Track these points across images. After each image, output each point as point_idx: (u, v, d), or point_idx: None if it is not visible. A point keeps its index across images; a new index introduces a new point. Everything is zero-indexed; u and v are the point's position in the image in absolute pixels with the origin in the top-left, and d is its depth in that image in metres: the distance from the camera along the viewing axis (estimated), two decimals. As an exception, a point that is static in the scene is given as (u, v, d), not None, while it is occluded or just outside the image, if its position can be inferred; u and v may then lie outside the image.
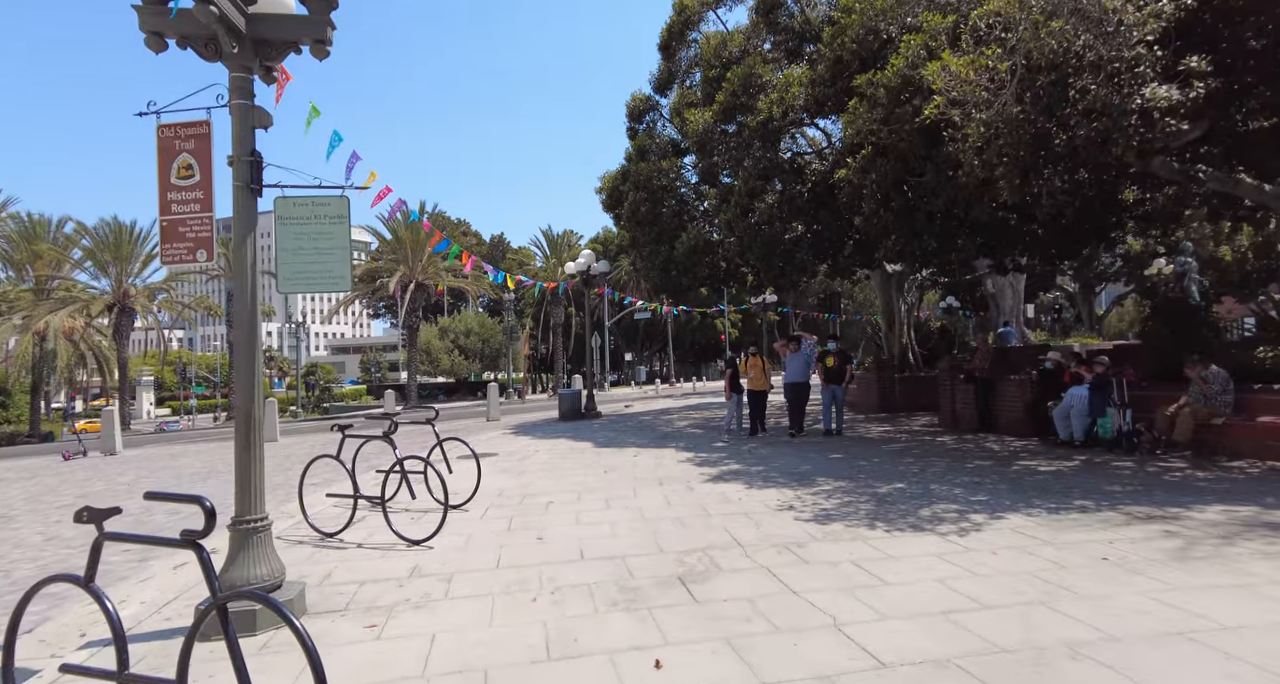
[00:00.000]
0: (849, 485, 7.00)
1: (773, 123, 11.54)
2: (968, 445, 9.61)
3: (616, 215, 17.15)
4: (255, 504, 3.91)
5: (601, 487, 7.52)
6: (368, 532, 5.90)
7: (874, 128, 8.58)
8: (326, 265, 4.01)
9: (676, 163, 14.96)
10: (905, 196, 8.96)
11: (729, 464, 8.72)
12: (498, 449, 11.43)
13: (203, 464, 12.49)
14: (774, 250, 12.13)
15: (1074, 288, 39.08)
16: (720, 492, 6.94)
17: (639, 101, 16.24)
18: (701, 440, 11.49)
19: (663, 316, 53.34)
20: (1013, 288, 25.04)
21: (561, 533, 5.55)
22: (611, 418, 17.82)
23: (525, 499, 7.04)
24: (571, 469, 8.90)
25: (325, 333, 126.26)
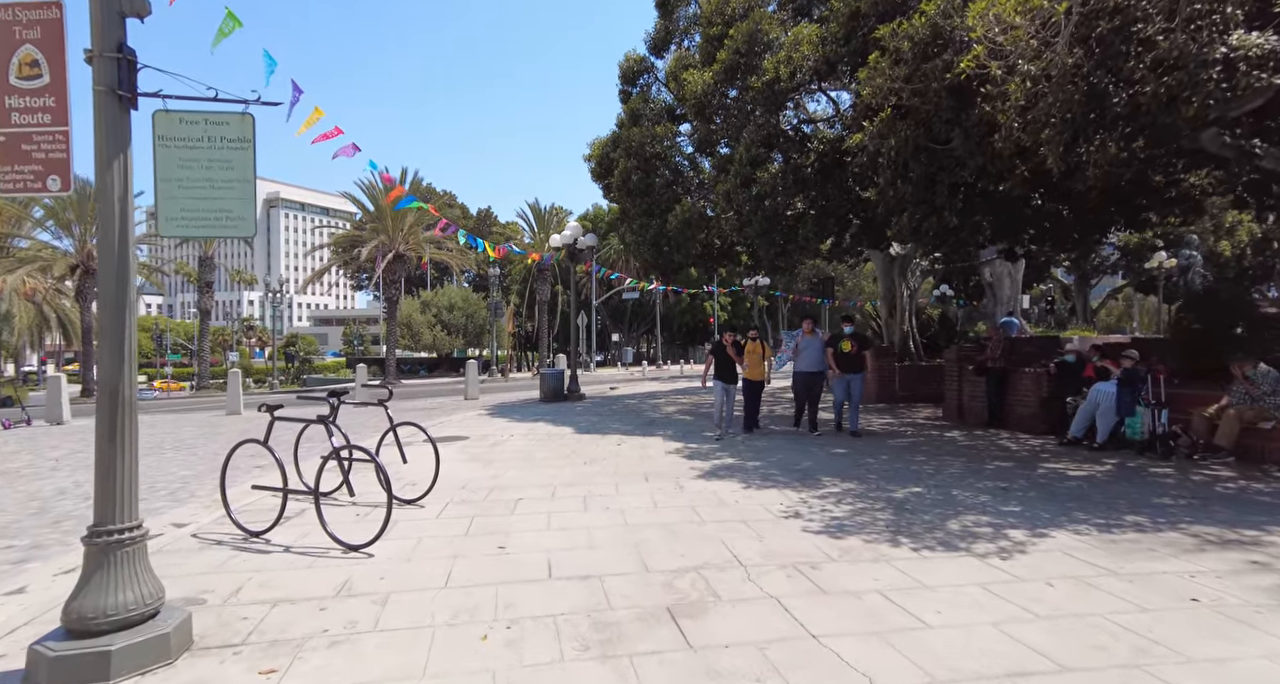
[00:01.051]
0: (859, 488, 6.21)
1: (779, 84, 10.56)
2: (980, 442, 8.87)
3: (606, 186, 16.13)
4: (122, 509, 3.02)
5: (580, 481, 6.68)
6: (301, 531, 5.02)
7: (895, 86, 7.65)
8: (223, 203, 3.07)
9: (672, 129, 13.95)
10: (926, 166, 8.08)
11: (722, 457, 7.91)
12: (469, 432, 10.55)
13: (152, 438, 11.50)
14: (775, 226, 11.24)
15: (1069, 280, 38.66)
16: (713, 491, 6.12)
17: (633, 63, 15.14)
18: (691, 429, 10.68)
19: (651, 296, 52.41)
20: (1011, 277, 24.38)
21: (529, 541, 4.70)
22: (595, 400, 16.98)
23: (492, 494, 6.19)
24: (548, 459, 8.05)
25: (308, 304, 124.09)
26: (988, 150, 7.09)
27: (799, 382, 9.84)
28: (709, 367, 9.84)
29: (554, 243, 17.24)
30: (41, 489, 7.18)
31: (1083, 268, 32.47)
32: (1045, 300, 40.58)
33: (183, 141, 3.03)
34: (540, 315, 43.63)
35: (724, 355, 9.57)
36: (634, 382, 28.73)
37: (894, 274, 15.32)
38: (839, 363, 9.27)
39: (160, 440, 11.20)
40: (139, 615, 2.90)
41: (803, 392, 9.84)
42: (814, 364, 9.55)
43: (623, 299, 52.47)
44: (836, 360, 9.28)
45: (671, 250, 13.88)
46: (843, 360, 9.28)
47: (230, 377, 16.68)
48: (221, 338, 66.30)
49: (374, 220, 35.71)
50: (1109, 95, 5.51)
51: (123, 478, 3.02)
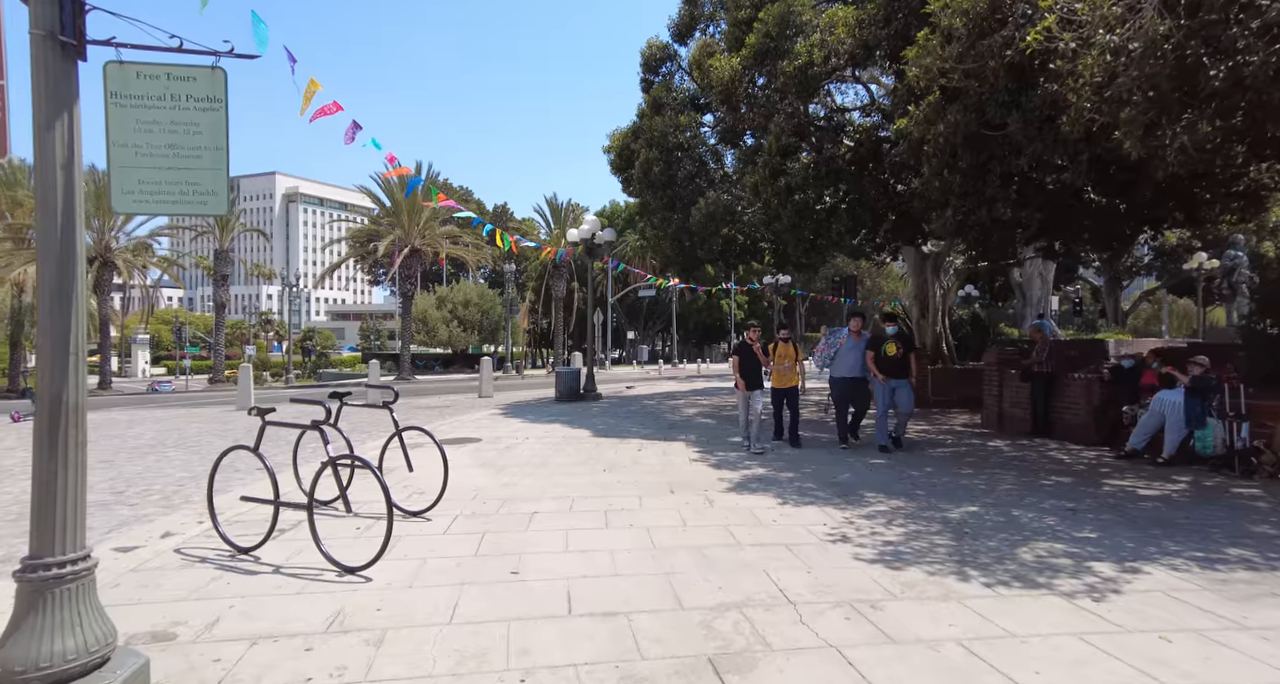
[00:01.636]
0: (908, 506, 5.64)
1: (812, 68, 9.94)
2: (1028, 453, 8.23)
3: (626, 179, 15.60)
4: (64, 538, 2.55)
5: (599, 492, 6.16)
6: (294, 547, 4.55)
7: (946, 67, 7.02)
8: (190, 175, 2.58)
9: (696, 119, 13.38)
10: (976, 154, 7.45)
11: (751, 466, 7.35)
12: (482, 433, 10.08)
13: (155, 435, 11.18)
14: (805, 220, 10.63)
15: (1098, 281, 37.48)
16: (747, 508, 5.57)
17: (655, 50, 14.57)
18: (715, 433, 10.13)
19: (668, 294, 51.84)
20: (1042, 277, 23.55)
21: (545, 565, 4.19)
22: (612, 400, 16.47)
23: (505, 506, 5.69)
24: (565, 465, 7.54)
25: (326, 299, 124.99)
26: (1049, 135, 6.46)
27: (837, 389, 8.71)
28: (737, 371, 8.36)
29: (572, 237, 16.74)
30: (28, 490, 6.78)
31: (1115, 269, 31.39)
32: (1073, 302, 39.44)
33: (140, 100, 2.54)
34: (556, 312, 43.24)
35: (750, 357, 8.36)
36: (650, 381, 28.20)
37: (927, 272, 14.63)
38: (883, 367, 8.25)
39: (163, 437, 10.85)
40: (81, 666, 2.43)
41: (843, 401, 8.73)
42: (856, 368, 8.49)
43: (639, 297, 51.97)
44: (879, 364, 8.26)
45: (693, 246, 13.32)
46: (886, 364, 8.25)
47: (241, 371, 16.38)
48: (239, 332, 66.79)
49: (390, 215, 35.47)
50: (1204, 68, 4.87)
51: (66, 500, 2.55)
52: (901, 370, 8.24)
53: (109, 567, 4.15)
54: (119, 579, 3.92)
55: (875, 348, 8.33)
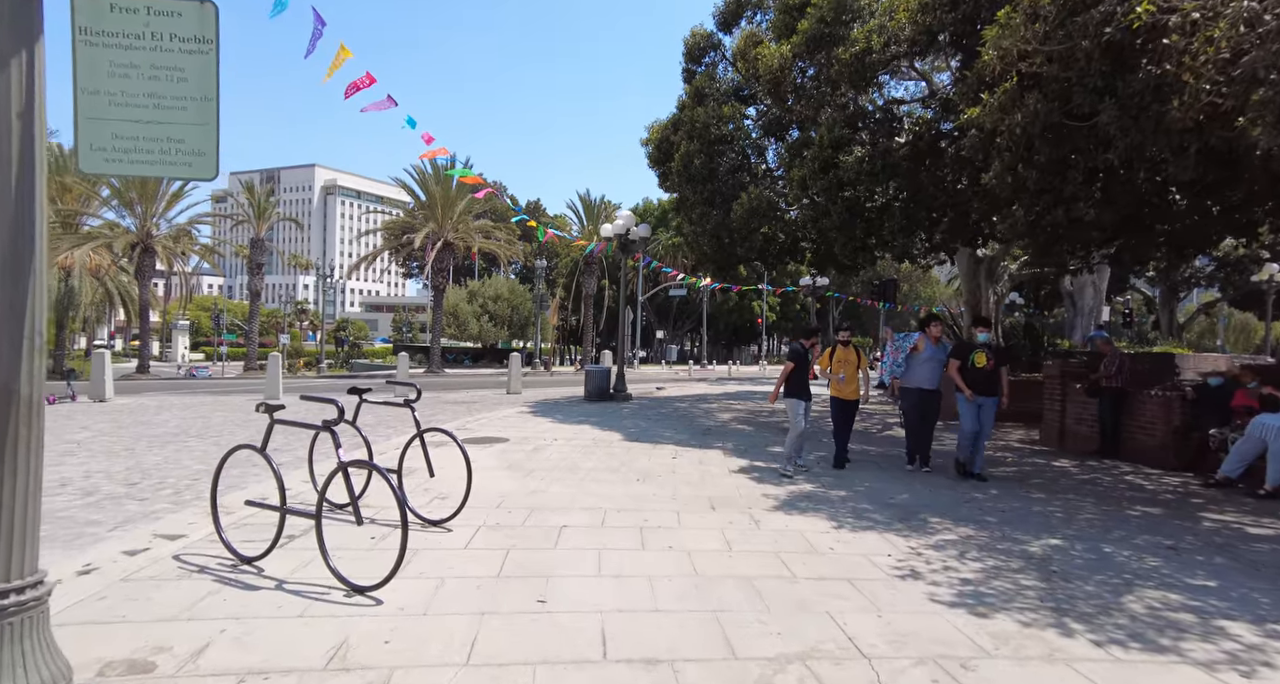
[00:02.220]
0: (979, 535, 5.02)
1: (870, 56, 9.32)
2: (1101, 477, 7.51)
3: (663, 173, 15.09)
4: (11, 561, 2.13)
5: (634, 505, 5.67)
6: (301, 557, 4.14)
7: (1028, 49, 6.36)
8: (173, 130, 2.15)
9: (740, 109, 12.79)
10: (1056, 147, 6.76)
11: (798, 482, 6.79)
12: (509, 433, 9.67)
13: (179, 423, 11.03)
14: (856, 218, 10.00)
15: (1152, 291, 35.74)
16: (798, 531, 5.02)
17: (699, 39, 14.03)
18: (753, 442, 9.56)
19: (699, 294, 51.19)
20: (1094, 286, 22.39)
21: (575, 592, 3.70)
22: (642, 401, 15.99)
23: (531, 517, 5.23)
24: (595, 471, 7.07)
25: (360, 290, 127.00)
26: (1148, 124, 5.76)
27: (910, 401, 7.51)
28: (784, 380, 7.18)
29: (605, 232, 16.30)
30: (45, 478, 6.54)
31: (1171, 279, 29.83)
32: (1123, 313, 37.72)
33: (115, 38, 2.11)
34: (585, 309, 42.95)
35: (807, 360, 7.19)
36: (680, 382, 27.66)
37: (980, 276, 13.83)
38: (971, 381, 6.99)
39: (187, 426, 10.68)
40: (25, 717, 2.01)
41: (916, 417, 7.51)
42: (933, 379, 7.35)
43: (669, 296, 51.42)
44: (968, 377, 7.00)
45: (733, 242, 12.74)
46: (975, 378, 6.99)
47: (270, 360, 16.29)
48: (275, 320, 68.04)
49: (424, 208, 35.53)
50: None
51: (15, 514, 2.13)
52: (992, 386, 7.02)
53: (102, 573, 3.80)
54: (107, 590, 3.55)
55: (962, 357, 7.13)
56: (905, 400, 7.67)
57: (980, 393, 7.01)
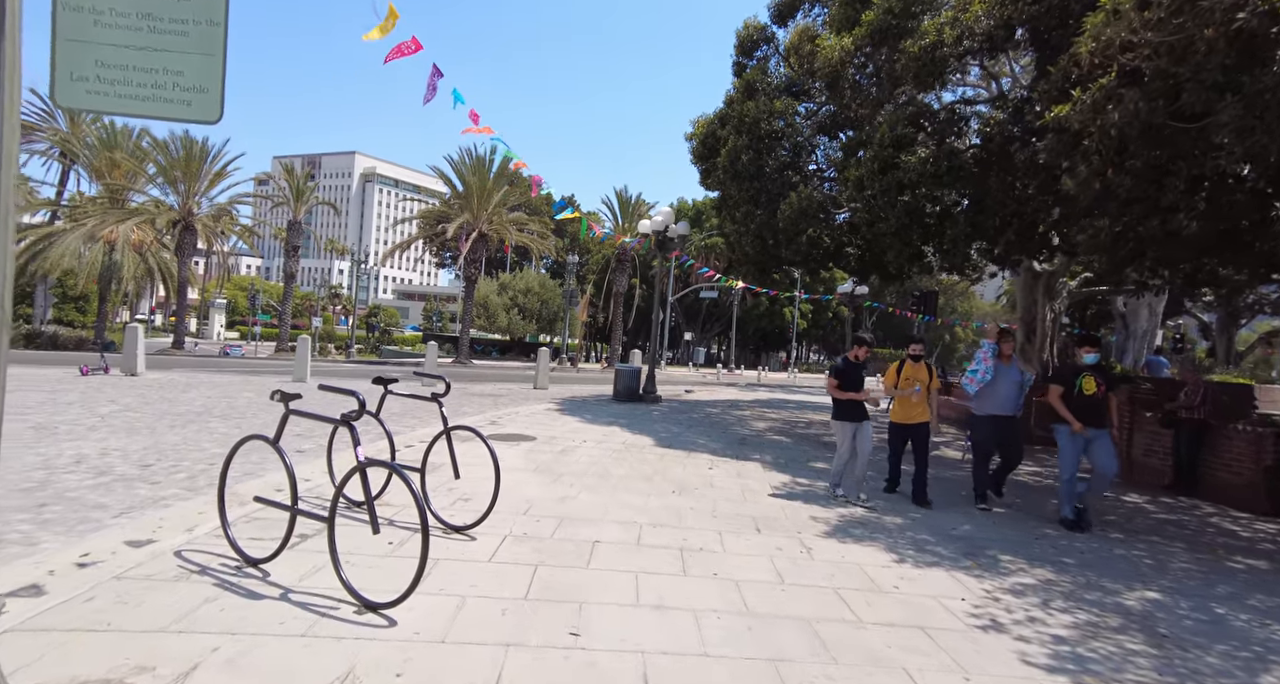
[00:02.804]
0: (1059, 579, 4.46)
1: (940, 50, 8.71)
2: (1182, 517, 6.83)
3: (706, 170, 14.58)
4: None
5: (671, 521, 5.21)
6: (312, 561, 3.78)
7: (1133, 40, 5.74)
8: (170, 59, 1.75)
9: (793, 105, 12.23)
10: (1154, 151, 6.12)
11: (848, 504, 6.26)
12: (536, 431, 9.29)
13: (205, 403, 10.89)
14: (916, 223, 9.39)
15: (1208, 317, 34.08)
16: (855, 563, 4.52)
17: (752, 31, 13.49)
18: (792, 456, 9.03)
19: (730, 297, 50.52)
20: (1150, 308, 21.28)
21: (611, 624, 3.26)
22: (672, 404, 15.52)
23: (561, 528, 4.81)
24: (627, 479, 6.63)
25: (393, 277, 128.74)
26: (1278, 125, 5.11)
27: (982, 430, 6.53)
28: (836, 395, 6.34)
29: (643, 229, 15.87)
30: (62, 454, 6.35)
31: (1234, 304, 28.33)
32: (1174, 337, 36.07)
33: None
34: (615, 307, 42.58)
35: (856, 380, 6.34)
36: (709, 386, 27.12)
37: (1038, 292, 13.05)
38: (1077, 410, 5.83)
39: (212, 405, 10.52)
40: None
41: (987, 447, 6.54)
42: (1009, 404, 6.37)
43: (699, 297, 50.82)
44: (1074, 406, 5.86)
45: (777, 244, 12.18)
46: (1083, 407, 5.83)
47: (299, 342, 16.20)
48: (309, 303, 69.06)
49: (460, 198, 35.49)
50: None
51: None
52: (1101, 417, 5.88)
53: (97, 568, 3.47)
54: (97, 590, 3.21)
55: (1067, 382, 5.97)
56: (977, 432, 6.62)
57: (1090, 424, 5.82)
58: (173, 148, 30.68)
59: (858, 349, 6.48)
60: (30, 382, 12.47)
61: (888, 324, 73.48)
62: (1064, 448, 5.99)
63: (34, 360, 19.29)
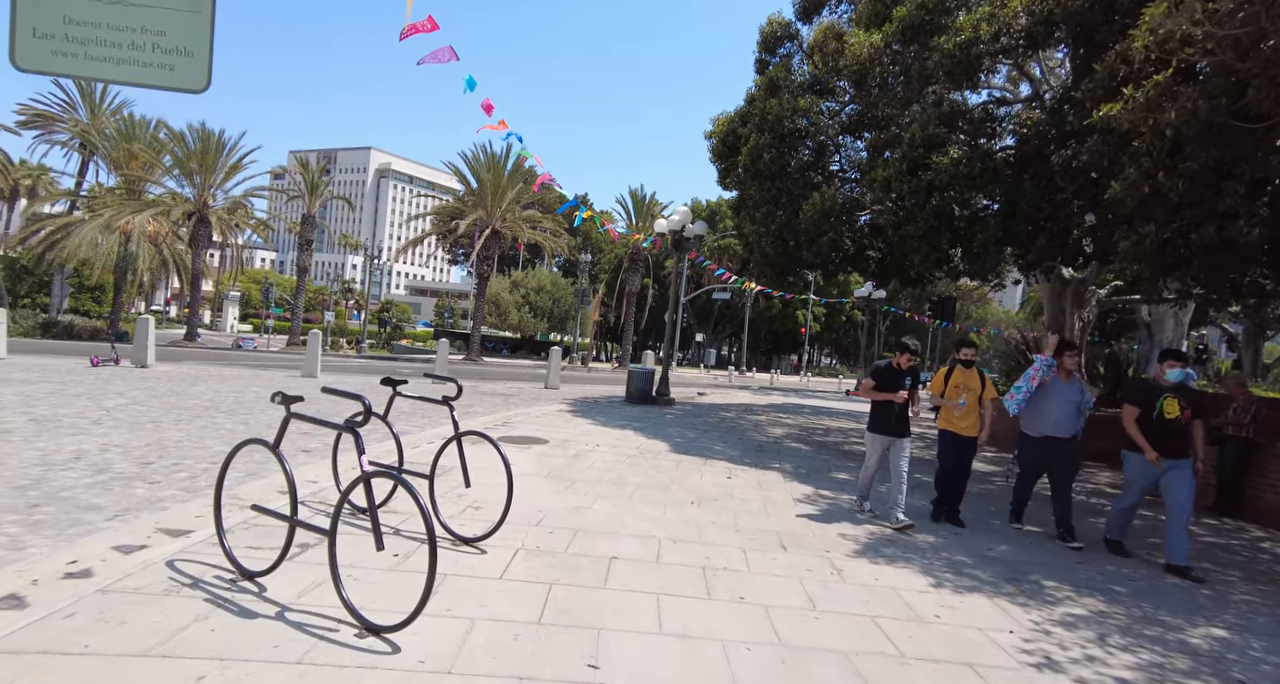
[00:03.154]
0: (1112, 610, 4.14)
1: (977, 47, 8.38)
2: (1231, 542, 6.46)
3: (725, 168, 14.28)
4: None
5: (691, 535, 4.93)
6: (312, 576, 3.53)
7: (1194, 33, 5.40)
8: (150, 14, 1.47)
9: (817, 102, 11.91)
10: (1216, 152, 5.76)
11: (877, 521, 5.95)
12: (548, 434, 9.03)
13: (212, 397, 10.71)
14: (946, 226, 9.05)
15: (1235, 328, 33.31)
16: (890, 587, 4.21)
17: (776, 27, 13.18)
18: (814, 465, 8.71)
19: (742, 299, 50.15)
20: (1176, 318, 20.74)
21: (633, 655, 2.99)
22: (686, 407, 15.23)
23: (576, 541, 4.54)
24: (643, 488, 6.35)
25: (406, 273, 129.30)
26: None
27: (1034, 452, 5.81)
28: (869, 396, 5.85)
29: (660, 228, 15.59)
30: (61, 449, 6.15)
31: (1262, 315, 27.63)
32: (1197, 348, 35.31)
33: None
34: (627, 307, 42.33)
35: (894, 386, 5.71)
36: (721, 388, 26.80)
37: (1066, 301, 12.65)
38: (1156, 438, 5.13)
39: (219, 399, 10.34)
40: None
41: (1036, 468, 5.96)
42: (1065, 424, 5.62)
43: (711, 298, 50.49)
44: (1152, 433, 5.15)
45: (798, 246, 11.86)
46: (1163, 434, 5.12)
47: (310, 337, 16.04)
48: (322, 297, 69.37)
49: (474, 194, 35.38)
50: None
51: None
52: (1184, 445, 5.14)
53: (82, 579, 3.23)
54: (79, 605, 2.97)
55: (1144, 403, 5.21)
56: (1027, 452, 5.89)
57: (1169, 454, 5.08)
58: (189, 139, 30.75)
59: (901, 356, 5.82)
60: (41, 372, 12.37)
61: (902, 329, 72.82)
62: (1132, 477, 5.35)
63: (49, 350, 19.31)
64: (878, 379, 5.84)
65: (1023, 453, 6.00)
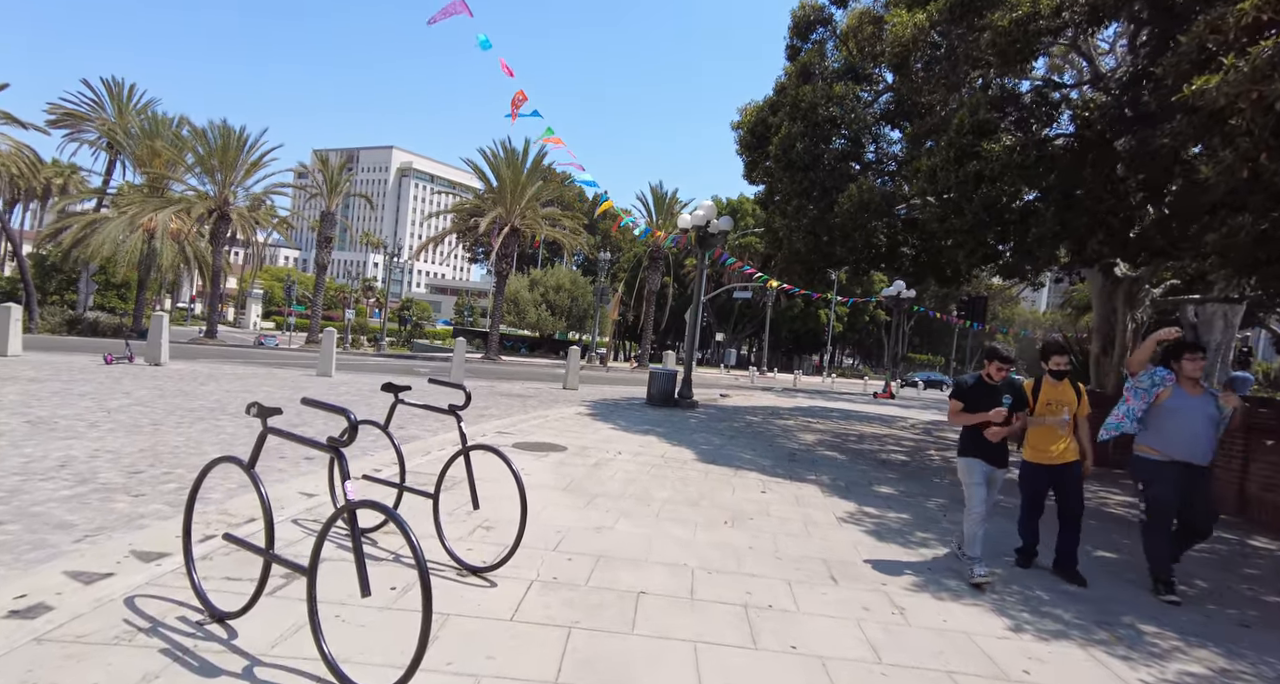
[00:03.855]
0: (1236, 669, 3.50)
1: (1036, 22, 7.68)
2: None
3: (752, 161, 13.66)
4: None
5: (728, 563, 4.36)
6: (291, 617, 3.02)
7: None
8: None
9: (854, 89, 11.24)
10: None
11: (929, 543, 5.33)
12: (566, 440, 8.51)
13: (220, 397, 10.36)
14: (996, 219, 8.36)
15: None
16: (962, 631, 3.62)
17: (809, 11, 12.52)
18: (851, 476, 8.09)
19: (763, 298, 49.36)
20: (1226, 319, 19.68)
21: (672, 734, 2.44)
22: (709, 411, 14.65)
23: (598, 570, 4.00)
24: (671, 504, 5.79)
25: (427, 272, 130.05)
26: None
27: (1165, 480, 4.45)
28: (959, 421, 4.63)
29: (683, 224, 15.02)
30: (48, 455, 5.76)
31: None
32: (1242, 351, 33.85)
33: None
34: (646, 306, 41.79)
35: (987, 404, 4.48)
36: (743, 390, 26.14)
37: (1117, 300, 11.84)
38: None
39: (228, 400, 9.98)
40: None
41: (1167, 504, 4.46)
42: (1204, 447, 4.43)
43: (732, 297, 49.75)
44: None
45: (832, 242, 11.21)
46: None
47: (325, 335, 15.72)
48: (342, 295, 69.77)
49: (494, 192, 35.06)
50: None
51: None
52: None
53: (24, 619, 2.76)
54: (9, 659, 2.48)
55: None
56: (1156, 483, 4.47)
57: None
58: (210, 136, 30.76)
59: (992, 365, 4.54)
60: (53, 370, 12.15)
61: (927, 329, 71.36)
62: None
63: (70, 347, 19.27)
64: (965, 399, 4.57)
65: (1150, 484, 4.50)
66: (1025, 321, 77.49)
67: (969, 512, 4.55)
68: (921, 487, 7.74)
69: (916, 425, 15.75)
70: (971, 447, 4.58)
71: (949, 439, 13.14)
